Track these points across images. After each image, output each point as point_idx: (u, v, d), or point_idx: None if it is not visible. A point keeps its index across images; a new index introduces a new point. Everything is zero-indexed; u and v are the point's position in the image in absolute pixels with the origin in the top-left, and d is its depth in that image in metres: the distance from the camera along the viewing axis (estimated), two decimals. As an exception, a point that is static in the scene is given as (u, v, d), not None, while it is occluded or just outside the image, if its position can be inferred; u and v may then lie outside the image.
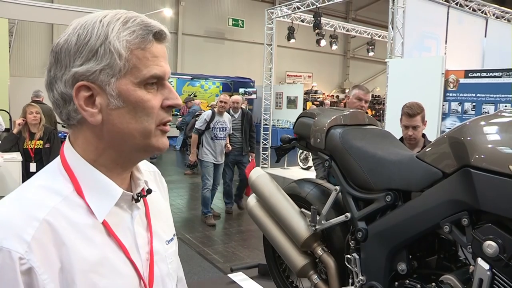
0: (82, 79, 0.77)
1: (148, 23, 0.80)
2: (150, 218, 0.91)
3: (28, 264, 0.70)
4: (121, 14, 0.80)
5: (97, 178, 0.82)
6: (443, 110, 6.82)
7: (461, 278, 1.77)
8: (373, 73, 24.71)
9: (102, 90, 0.78)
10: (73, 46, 0.77)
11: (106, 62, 0.77)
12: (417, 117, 3.23)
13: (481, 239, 1.61)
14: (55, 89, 0.80)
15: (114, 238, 0.81)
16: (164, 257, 0.92)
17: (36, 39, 15.77)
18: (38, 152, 4.69)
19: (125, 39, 0.77)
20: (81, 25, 0.79)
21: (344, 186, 2.31)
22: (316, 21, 13.65)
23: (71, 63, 0.78)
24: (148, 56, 0.79)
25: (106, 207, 0.81)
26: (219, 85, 19.28)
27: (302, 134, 2.64)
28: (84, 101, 0.78)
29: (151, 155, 0.90)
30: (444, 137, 1.93)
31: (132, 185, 0.90)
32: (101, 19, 0.78)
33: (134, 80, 0.79)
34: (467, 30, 9.48)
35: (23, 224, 0.72)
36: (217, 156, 6.21)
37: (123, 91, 0.78)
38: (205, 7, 19.54)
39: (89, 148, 0.82)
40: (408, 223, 1.97)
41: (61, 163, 0.83)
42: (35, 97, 8.04)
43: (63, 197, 0.78)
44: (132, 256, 0.83)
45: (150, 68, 0.79)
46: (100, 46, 0.77)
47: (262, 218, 2.72)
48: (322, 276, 2.47)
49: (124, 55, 0.77)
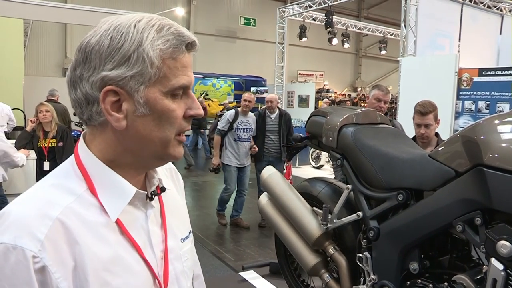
0: (111, 84, 0.76)
1: (182, 33, 0.80)
2: (165, 216, 0.91)
3: (41, 263, 0.70)
4: (156, 21, 0.79)
5: (111, 177, 0.82)
6: (456, 108, 6.76)
7: (474, 278, 1.75)
8: (386, 72, 24.55)
9: (130, 96, 0.77)
10: (106, 48, 0.76)
11: (138, 69, 0.76)
12: (430, 115, 3.21)
13: (495, 238, 1.60)
14: (79, 89, 0.79)
15: (128, 237, 0.81)
16: (179, 255, 0.92)
17: (50, 39, 15.95)
18: (52, 151, 4.74)
19: (159, 48, 0.77)
20: (114, 27, 0.77)
21: (356, 184, 2.30)
22: (328, 19, 13.60)
23: (101, 66, 0.76)
24: (178, 66, 0.79)
25: (119, 206, 0.81)
26: (230, 83, 19.31)
27: (314, 132, 2.64)
28: (110, 105, 0.77)
29: (167, 162, 0.91)
30: (457, 136, 1.92)
31: (146, 183, 0.90)
32: (135, 24, 0.77)
33: (162, 89, 0.78)
34: (482, 27, 9.37)
35: (36, 223, 0.72)
36: (241, 159, 5.77)
37: (150, 99, 0.78)
38: (216, 6, 19.59)
39: (106, 150, 0.82)
40: (420, 222, 1.96)
41: (75, 162, 0.83)
42: (50, 96, 8.14)
43: (76, 196, 0.78)
44: (146, 254, 0.83)
45: (179, 78, 0.79)
46: (133, 52, 0.76)
47: (274, 216, 2.72)
48: (333, 275, 2.47)
49: (156, 63, 0.77)
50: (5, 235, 0.70)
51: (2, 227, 0.72)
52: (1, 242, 0.70)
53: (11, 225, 0.71)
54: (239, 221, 5.94)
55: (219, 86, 19.05)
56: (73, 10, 8.94)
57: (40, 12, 8.16)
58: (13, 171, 4.40)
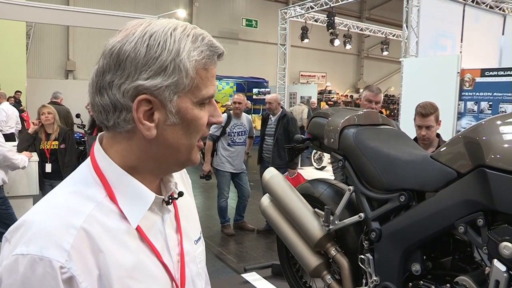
0: (145, 92, 0.75)
1: (214, 44, 0.81)
2: (179, 219, 0.91)
3: (69, 273, 0.69)
4: (190, 30, 0.79)
5: (130, 183, 0.81)
6: (458, 109, 6.74)
7: (477, 279, 1.74)
8: (388, 73, 24.52)
9: (163, 106, 0.77)
10: (142, 57, 0.75)
11: (174, 79, 0.76)
12: (431, 117, 3.20)
13: (497, 240, 1.59)
14: (107, 95, 0.77)
15: (147, 243, 0.81)
16: (193, 257, 0.93)
17: (53, 42, 15.98)
18: (54, 153, 4.75)
19: (195, 59, 0.77)
20: (150, 34, 0.76)
21: (358, 186, 2.30)
22: (329, 20, 13.61)
23: (136, 74, 0.75)
24: (208, 77, 0.80)
25: (139, 212, 0.81)
26: (232, 85, 19.30)
27: (316, 134, 2.63)
28: (143, 114, 0.77)
29: (184, 168, 0.92)
30: (459, 137, 1.91)
31: (162, 187, 0.90)
32: (171, 33, 0.76)
33: (193, 99, 0.79)
34: (484, 28, 9.35)
35: (61, 233, 0.71)
36: (236, 164, 5.58)
37: (182, 109, 0.78)
38: (218, 7, 19.60)
39: (129, 157, 0.81)
40: (423, 223, 1.95)
41: (92, 167, 0.81)
42: (53, 99, 8.17)
43: (96, 203, 0.77)
44: (164, 259, 0.84)
45: (208, 88, 0.81)
46: (170, 62, 0.75)
47: (276, 218, 2.72)
48: (335, 277, 2.47)
49: (191, 74, 0.77)
50: (31, 246, 0.69)
51: (26, 238, 0.70)
52: (27, 253, 0.69)
53: (35, 236, 0.70)
54: (243, 224, 5.91)
55: (221, 88, 19.04)
56: (75, 13, 8.96)
57: (42, 14, 8.19)
58: (15, 174, 4.41)
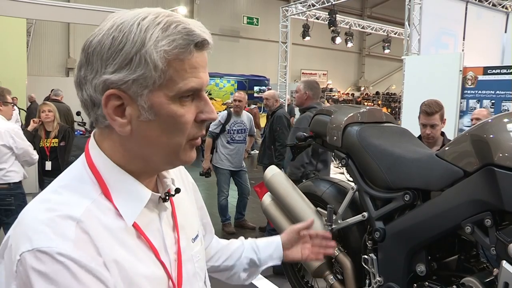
0: (113, 87, 0.72)
1: (191, 31, 0.73)
2: (177, 217, 0.89)
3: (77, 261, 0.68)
4: (162, 18, 0.73)
5: (126, 181, 0.79)
6: (460, 107, 6.71)
7: (484, 281, 1.71)
8: (389, 71, 24.51)
9: (133, 101, 0.73)
10: (107, 50, 0.72)
11: (140, 72, 0.71)
12: (435, 115, 3.16)
13: (506, 241, 1.56)
14: (84, 90, 0.76)
15: (145, 240, 0.79)
16: (190, 256, 0.91)
17: (53, 39, 15.98)
18: (54, 151, 4.72)
19: (163, 49, 0.71)
20: (117, 26, 0.72)
21: (361, 184, 2.26)
22: (331, 18, 13.57)
23: (102, 69, 0.72)
24: (186, 68, 0.74)
25: (135, 210, 0.78)
26: (233, 83, 19.28)
27: (318, 131, 2.59)
28: (113, 110, 0.74)
29: (176, 167, 0.88)
30: (465, 134, 1.87)
31: (158, 184, 0.87)
32: (139, 22, 0.72)
33: (168, 93, 0.73)
34: (486, 25, 9.31)
35: (63, 223, 0.70)
36: (235, 162, 5.55)
37: (155, 104, 0.73)
38: (219, 5, 19.57)
39: (116, 154, 0.79)
40: (428, 223, 1.92)
41: (87, 163, 0.79)
42: (54, 96, 8.15)
43: (92, 200, 0.75)
44: (162, 257, 0.82)
45: (187, 81, 0.74)
46: (135, 54, 0.71)
47: (278, 217, 2.68)
48: (338, 277, 2.43)
49: (161, 66, 0.71)
50: (35, 240, 0.68)
51: (27, 235, 0.69)
52: (32, 248, 0.67)
53: (37, 230, 0.69)
54: (243, 223, 5.89)
55: (222, 86, 19.03)
56: (76, 10, 8.91)
57: (43, 11, 8.15)
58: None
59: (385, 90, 23.15)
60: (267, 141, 5.34)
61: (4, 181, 3.79)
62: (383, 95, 22.16)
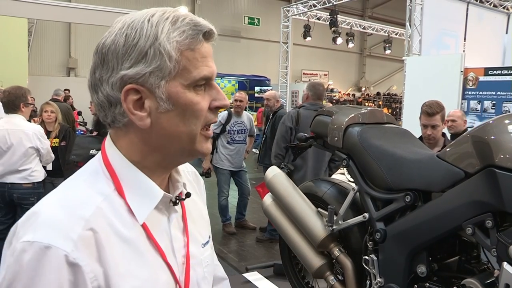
0: (130, 82, 0.75)
1: (198, 22, 0.78)
2: (187, 221, 0.90)
3: (75, 263, 0.69)
4: (169, 13, 0.77)
5: (139, 178, 0.80)
6: (461, 108, 6.70)
7: (485, 282, 1.71)
8: (390, 71, 24.47)
9: (152, 93, 0.76)
10: (121, 47, 0.75)
11: (156, 64, 0.75)
12: (436, 116, 3.17)
13: (507, 242, 1.56)
14: (101, 92, 0.78)
15: (153, 241, 0.80)
16: (200, 260, 0.91)
17: (54, 39, 15.96)
18: (55, 150, 4.70)
19: (175, 40, 0.75)
20: (128, 25, 0.76)
21: (362, 185, 2.26)
22: (332, 19, 13.57)
23: (119, 66, 0.75)
24: (197, 57, 0.78)
25: (146, 208, 0.80)
26: (234, 83, 19.26)
27: (319, 132, 2.59)
28: (132, 104, 0.76)
29: (195, 158, 0.89)
30: (466, 136, 1.88)
31: (170, 187, 0.89)
32: (149, 19, 0.76)
33: (184, 82, 0.77)
34: (487, 26, 9.30)
35: (69, 223, 0.71)
36: (235, 162, 5.54)
37: (172, 94, 0.76)
38: (221, 5, 19.56)
39: (133, 151, 0.81)
40: (429, 224, 1.92)
41: (103, 161, 0.81)
42: (55, 96, 8.15)
43: (105, 196, 0.77)
44: (169, 259, 0.82)
45: (200, 69, 0.78)
46: (149, 47, 0.74)
47: (278, 217, 2.69)
48: (338, 278, 2.43)
49: (174, 56, 0.75)
50: (38, 234, 0.69)
51: (33, 226, 0.70)
52: (34, 241, 0.69)
53: (43, 224, 0.70)
54: (244, 223, 5.88)
55: (223, 86, 19.00)
56: (77, 9, 8.92)
57: (44, 11, 8.16)
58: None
59: (386, 91, 23.12)
60: (269, 141, 5.35)
61: (29, 180, 3.87)
62: (384, 96, 22.13)
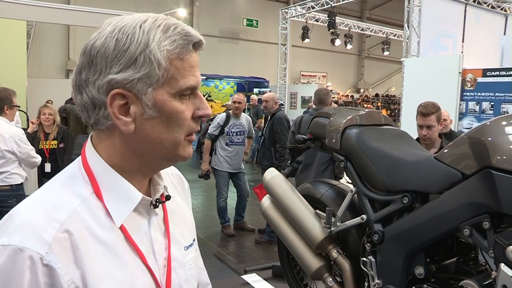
0: (118, 87, 0.75)
1: (188, 33, 0.79)
2: (168, 224, 0.90)
3: (49, 265, 0.70)
4: (161, 21, 0.78)
5: (117, 181, 0.81)
6: (460, 109, 6.71)
7: (482, 283, 1.71)
8: (388, 73, 24.50)
9: (138, 99, 0.76)
10: (111, 51, 0.75)
11: (145, 71, 0.75)
12: (431, 116, 3.17)
13: (504, 243, 1.56)
14: (85, 93, 0.78)
15: (131, 243, 0.80)
16: (182, 263, 0.91)
17: (53, 41, 15.96)
18: (53, 152, 4.72)
19: (166, 49, 0.76)
20: (119, 29, 0.76)
21: (360, 187, 2.26)
22: (330, 20, 13.58)
23: (107, 69, 0.75)
24: (185, 67, 0.78)
25: (124, 211, 0.80)
26: (233, 85, 19.27)
27: (317, 134, 2.60)
28: (118, 109, 0.76)
29: (175, 163, 0.89)
30: (463, 137, 1.88)
31: (151, 190, 0.89)
32: (140, 25, 0.76)
33: (170, 91, 0.77)
34: (485, 27, 9.31)
35: (44, 225, 0.71)
36: (234, 164, 5.56)
37: (159, 101, 0.77)
38: (219, 7, 19.56)
39: (114, 154, 0.81)
40: (426, 226, 1.92)
41: (82, 164, 0.82)
42: (73, 98, 8.14)
43: (82, 199, 0.77)
44: (149, 262, 0.82)
45: (187, 79, 0.78)
46: (140, 54, 0.74)
47: (276, 219, 2.68)
48: (337, 279, 2.43)
49: (164, 65, 0.75)
50: (12, 237, 0.70)
51: (9, 229, 0.71)
52: (8, 243, 0.69)
53: (18, 227, 0.71)
54: (243, 225, 5.87)
55: (222, 88, 19.01)
56: (76, 12, 8.92)
57: (43, 13, 8.15)
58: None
59: (384, 92, 23.15)
60: (267, 143, 5.38)
61: (6, 183, 3.81)
62: (382, 97, 22.17)
